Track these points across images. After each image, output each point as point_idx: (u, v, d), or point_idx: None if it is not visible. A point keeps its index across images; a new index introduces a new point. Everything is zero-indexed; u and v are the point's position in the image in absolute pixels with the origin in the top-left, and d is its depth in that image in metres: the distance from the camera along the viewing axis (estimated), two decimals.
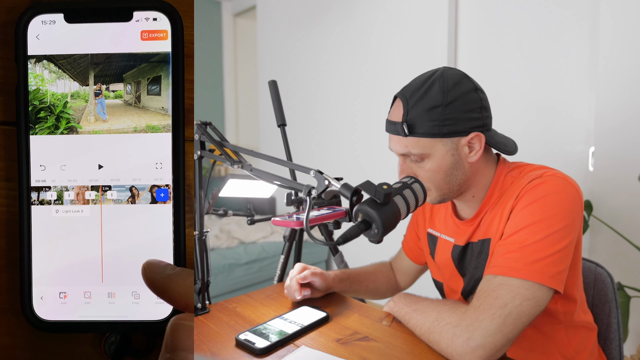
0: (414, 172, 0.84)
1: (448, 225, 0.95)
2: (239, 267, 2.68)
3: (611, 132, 1.78)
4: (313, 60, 3.11)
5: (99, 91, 0.51)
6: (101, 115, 0.51)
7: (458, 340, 0.68)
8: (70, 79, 0.51)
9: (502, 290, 0.70)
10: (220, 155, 0.88)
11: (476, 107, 0.80)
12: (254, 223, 1.26)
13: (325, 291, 1.00)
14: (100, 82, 0.51)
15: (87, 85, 0.51)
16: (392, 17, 2.53)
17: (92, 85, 0.51)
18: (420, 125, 0.79)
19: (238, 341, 0.78)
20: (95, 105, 0.51)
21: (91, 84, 0.51)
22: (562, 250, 0.73)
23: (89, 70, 0.51)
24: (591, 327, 0.91)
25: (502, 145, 0.84)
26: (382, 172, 2.47)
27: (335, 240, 0.69)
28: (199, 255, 0.93)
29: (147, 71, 0.51)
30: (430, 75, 0.81)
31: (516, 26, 2.06)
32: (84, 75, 0.51)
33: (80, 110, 0.51)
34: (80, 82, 0.51)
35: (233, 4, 4.18)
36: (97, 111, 0.51)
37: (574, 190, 0.77)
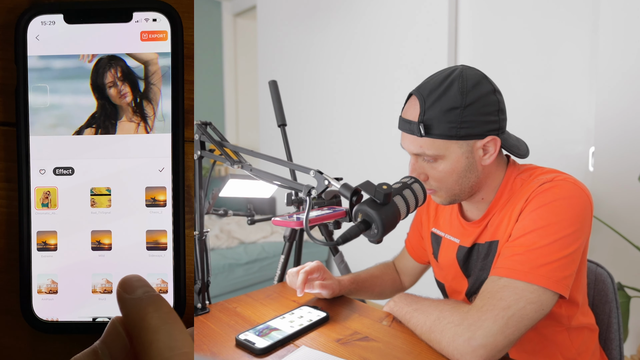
0: (426, 172, 0.83)
1: (453, 225, 0.95)
2: (239, 267, 2.68)
3: (611, 132, 1.77)
4: (313, 60, 3.11)
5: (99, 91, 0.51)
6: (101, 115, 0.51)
7: (459, 339, 0.68)
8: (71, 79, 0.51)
9: (506, 292, 0.70)
10: (220, 155, 0.88)
11: (494, 109, 0.79)
12: (254, 223, 1.26)
13: (332, 297, 1.00)
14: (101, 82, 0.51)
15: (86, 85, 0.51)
16: (393, 17, 2.53)
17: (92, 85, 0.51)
18: (437, 126, 0.77)
19: (238, 341, 0.78)
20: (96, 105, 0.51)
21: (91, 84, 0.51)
22: (570, 256, 0.72)
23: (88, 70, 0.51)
24: (593, 329, 0.91)
25: (515, 148, 0.83)
26: (382, 172, 2.47)
27: (335, 240, 0.69)
28: (199, 255, 0.93)
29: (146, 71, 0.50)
30: (448, 74, 0.79)
31: (516, 26, 2.06)
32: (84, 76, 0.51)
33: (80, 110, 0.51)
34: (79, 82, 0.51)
35: (233, 4, 4.18)
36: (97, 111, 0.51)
37: (585, 196, 0.77)
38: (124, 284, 0.41)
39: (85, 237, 0.51)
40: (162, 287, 0.50)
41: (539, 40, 1.99)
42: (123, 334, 0.40)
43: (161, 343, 0.37)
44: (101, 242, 0.50)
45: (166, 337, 0.37)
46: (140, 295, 0.40)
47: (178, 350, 0.37)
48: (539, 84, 2.01)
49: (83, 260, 0.50)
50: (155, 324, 0.38)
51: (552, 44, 1.95)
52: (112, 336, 0.40)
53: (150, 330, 0.38)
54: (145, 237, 0.50)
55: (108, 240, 0.50)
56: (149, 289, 0.41)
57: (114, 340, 0.40)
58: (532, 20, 2.00)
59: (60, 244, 0.51)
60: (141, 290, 0.41)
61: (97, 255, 0.50)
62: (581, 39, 1.86)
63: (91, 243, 0.50)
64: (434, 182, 0.83)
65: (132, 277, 0.42)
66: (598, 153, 1.82)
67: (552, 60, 1.96)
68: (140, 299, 0.40)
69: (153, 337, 0.37)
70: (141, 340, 0.38)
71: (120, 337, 0.40)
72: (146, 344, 0.37)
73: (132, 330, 0.39)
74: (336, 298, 1.00)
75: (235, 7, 4.17)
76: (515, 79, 2.07)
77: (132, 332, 0.39)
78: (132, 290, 0.40)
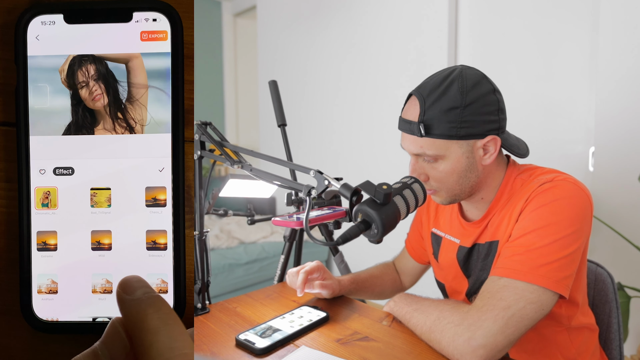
0: (426, 172, 0.83)
1: (454, 225, 0.95)
2: (239, 267, 2.68)
3: (611, 132, 1.77)
4: (313, 60, 3.11)
5: (99, 91, 0.51)
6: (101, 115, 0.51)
7: (459, 339, 0.68)
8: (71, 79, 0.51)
9: (506, 292, 0.70)
10: (220, 155, 0.88)
11: (494, 109, 0.79)
12: (254, 223, 1.26)
13: (332, 297, 1.00)
14: (100, 82, 0.51)
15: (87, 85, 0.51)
16: (393, 17, 2.53)
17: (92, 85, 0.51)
18: (437, 126, 0.77)
19: (238, 341, 0.78)
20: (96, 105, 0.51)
21: (91, 84, 0.51)
22: (570, 256, 0.72)
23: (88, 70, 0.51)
24: (593, 329, 0.91)
25: (515, 148, 0.83)
26: (382, 172, 2.47)
27: (335, 240, 0.69)
28: (199, 255, 0.93)
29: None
30: (448, 74, 0.80)
31: (516, 26, 2.06)
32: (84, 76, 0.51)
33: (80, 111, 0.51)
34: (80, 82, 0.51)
35: (233, 4, 4.18)
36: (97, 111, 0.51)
37: (585, 196, 0.77)
38: (123, 285, 0.41)
39: (85, 237, 0.51)
40: (162, 287, 0.50)
41: (539, 40, 1.99)
42: (123, 335, 0.40)
43: (161, 344, 0.37)
44: (101, 242, 0.50)
45: (166, 339, 0.37)
46: (140, 296, 0.40)
47: (178, 352, 0.37)
48: (539, 84, 2.01)
49: (83, 260, 0.50)
50: (155, 325, 0.38)
51: (552, 44, 1.95)
52: (112, 337, 0.40)
53: (151, 331, 0.38)
54: (145, 237, 0.50)
55: (108, 240, 0.50)
56: (149, 290, 0.41)
57: (114, 341, 0.40)
58: (532, 20, 2.00)
59: (60, 244, 0.51)
60: (141, 291, 0.41)
61: (97, 255, 0.50)
62: (581, 39, 1.86)
63: (91, 243, 0.50)
64: (434, 182, 0.83)
65: (132, 277, 0.42)
66: (598, 153, 1.82)
67: (552, 60, 1.96)
68: (140, 300, 0.40)
69: (153, 338, 0.37)
70: (141, 342, 0.38)
71: (121, 338, 0.40)
72: (146, 345, 0.37)
73: (132, 331, 0.39)
74: (336, 298, 1.00)
75: (235, 7, 4.17)
76: (515, 79, 2.07)
77: (132, 333, 0.39)
78: (132, 291, 0.40)
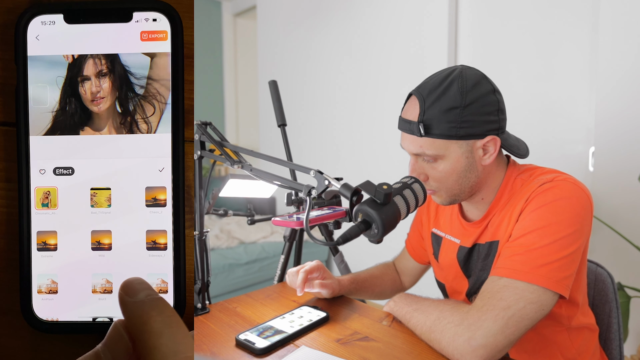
0: (426, 172, 0.83)
1: (454, 226, 0.95)
2: (239, 267, 2.68)
3: (611, 132, 1.77)
4: (313, 60, 3.11)
5: (99, 91, 0.51)
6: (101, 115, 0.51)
7: (459, 339, 0.68)
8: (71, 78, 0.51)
9: (506, 292, 0.70)
10: (220, 155, 0.88)
11: (493, 109, 0.79)
12: (254, 223, 1.26)
13: (332, 297, 1.00)
14: (100, 82, 0.51)
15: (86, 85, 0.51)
16: (393, 17, 2.53)
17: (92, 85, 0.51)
18: (436, 126, 0.77)
19: (238, 341, 0.78)
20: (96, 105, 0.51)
21: (91, 83, 0.51)
22: (570, 256, 0.72)
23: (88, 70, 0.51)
24: (593, 329, 0.91)
25: (515, 148, 0.83)
26: (382, 172, 2.47)
27: (335, 240, 0.69)
28: (199, 255, 0.93)
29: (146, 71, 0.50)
30: (448, 73, 0.80)
31: (516, 26, 2.06)
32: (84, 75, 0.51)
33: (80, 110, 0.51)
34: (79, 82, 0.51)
35: (233, 4, 4.18)
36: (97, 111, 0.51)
37: (585, 196, 0.77)
38: (126, 287, 0.41)
39: (85, 237, 0.51)
40: (162, 287, 0.50)
41: (539, 40, 1.99)
42: (126, 337, 0.40)
43: (164, 347, 0.37)
44: (101, 242, 0.50)
45: (169, 341, 0.37)
46: (142, 298, 0.40)
47: (182, 354, 0.36)
48: (539, 84, 2.01)
49: (83, 260, 0.50)
50: (158, 328, 0.38)
51: (552, 44, 1.95)
52: (114, 339, 0.40)
53: (154, 334, 0.38)
54: (145, 237, 0.50)
55: (108, 240, 0.50)
56: (152, 292, 0.41)
57: (116, 343, 0.40)
58: (532, 20, 2.00)
59: (60, 244, 0.51)
60: (143, 293, 0.40)
61: (97, 255, 0.50)
62: (581, 39, 1.86)
63: (91, 243, 0.50)
64: (434, 182, 0.83)
65: (134, 280, 0.42)
66: (598, 153, 1.82)
67: (552, 61, 1.96)
68: (142, 302, 0.40)
69: (156, 341, 0.37)
70: (144, 344, 0.38)
71: (123, 340, 0.40)
72: (149, 348, 0.37)
73: (135, 333, 0.39)
74: (336, 298, 1.00)
75: (235, 7, 4.17)
76: (515, 79, 2.07)
77: (135, 336, 0.39)
78: (135, 293, 0.40)
